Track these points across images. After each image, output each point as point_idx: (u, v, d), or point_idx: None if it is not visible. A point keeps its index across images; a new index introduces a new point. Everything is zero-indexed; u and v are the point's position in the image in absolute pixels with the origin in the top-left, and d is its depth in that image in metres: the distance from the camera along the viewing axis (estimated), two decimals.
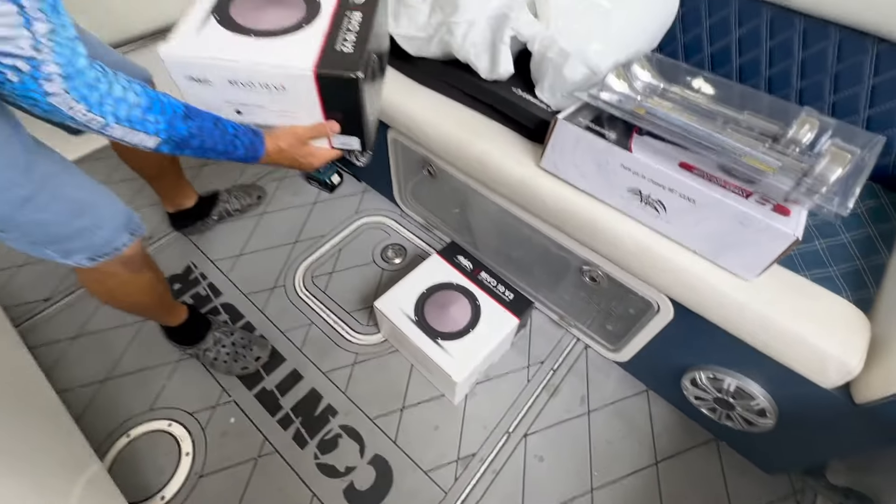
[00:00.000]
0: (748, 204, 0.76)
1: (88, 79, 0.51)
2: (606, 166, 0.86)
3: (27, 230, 0.71)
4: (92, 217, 0.76)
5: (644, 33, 0.99)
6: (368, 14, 0.76)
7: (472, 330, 1.06)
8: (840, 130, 0.80)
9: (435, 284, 1.15)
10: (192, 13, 0.73)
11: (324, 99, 0.73)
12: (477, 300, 1.13)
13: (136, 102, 0.56)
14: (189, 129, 0.62)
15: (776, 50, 1.00)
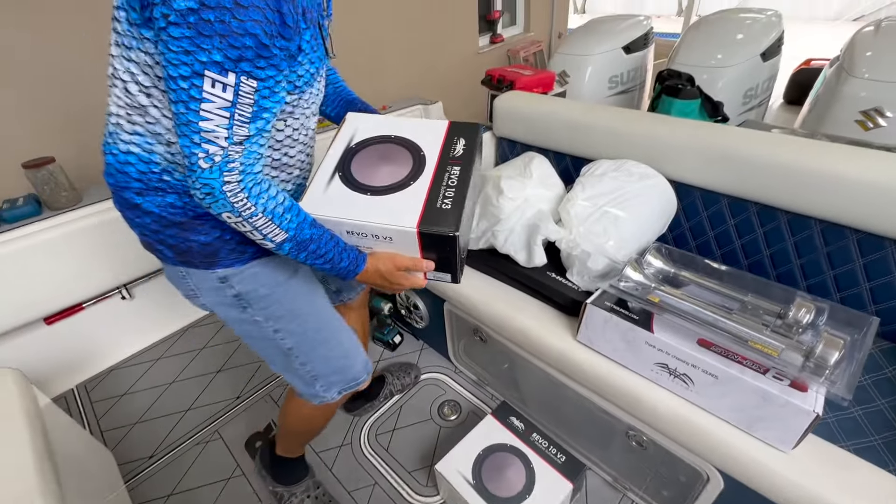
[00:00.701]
0: (766, 381, 0.86)
1: (258, 177, 0.66)
2: (634, 343, 1.02)
3: (316, 365, 0.95)
4: (354, 355, 1.01)
5: (651, 228, 1.23)
6: (466, 167, 0.86)
7: (528, 496, 1.12)
8: (834, 312, 0.93)
9: (490, 445, 1.24)
10: (322, 170, 0.87)
11: (423, 246, 0.82)
12: (531, 463, 1.19)
13: (281, 201, 0.69)
14: (312, 235, 0.74)
15: (770, 234, 1.19)
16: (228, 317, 0.87)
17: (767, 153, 1.13)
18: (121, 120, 0.69)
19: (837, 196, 1.05)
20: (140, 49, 0.62)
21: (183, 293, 0.87)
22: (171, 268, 0.82)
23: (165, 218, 0.74)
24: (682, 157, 1.25)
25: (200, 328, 1.95)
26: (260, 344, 0.92)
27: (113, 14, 0.63)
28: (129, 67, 0.64)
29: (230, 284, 0.81)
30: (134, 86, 0.65)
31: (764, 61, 2.34)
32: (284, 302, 0.87)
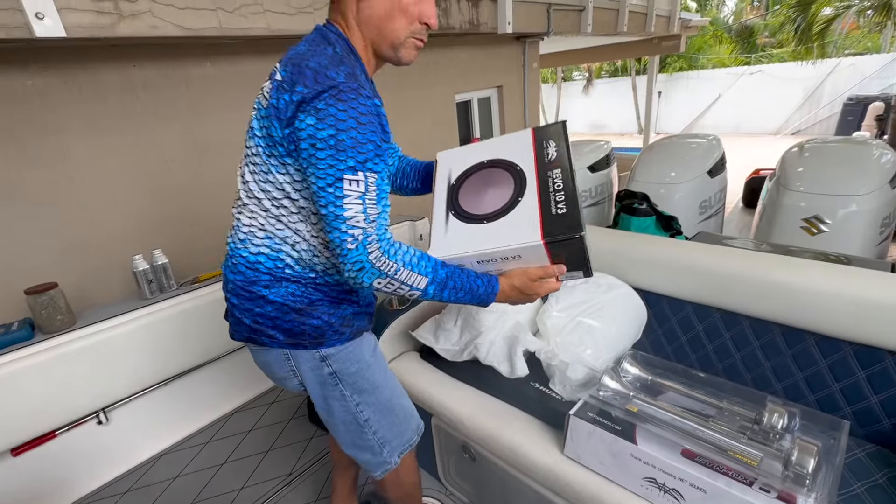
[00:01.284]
0: (753, 493, 0.85)
1: (390, 241, 0.82)
2: (619, 456, 1.01)
3: (385, 432, 1.05)
4: (410, 414, 1.11)
5: (625, 336, 1.29)
6: (565, 165, 0.88)
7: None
8: (805, 415, 0.96)
9: None
10: (436, 215, 0.93)
11: (552, 254, 0.84)
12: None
13: (413, 253, 0.84)
14: (446, 272, 0.86)
15: (737, 338, 1.26)
16: (320, 393, 0.99)
17: (718, 264, 1.25)
18: (253, 229, 0.89)
19: (787, 302, 1.14)
20: (279, 172, 0.83)
21: (279, 374, 0.99)
22: (275, 351, 0.95)
23: (287, 306, 0.90)
24: (644, 269, 1.37)
25: (179, 452, 1.86)
26: (340, 417, 1.02)
27: (249, 151, 0.86)
28: (266, 188, 0.85)
29: (328, 363, 0.95)
30: (268, 202, 0.86)
31: (711, 178, 2.65)
32: (368, 376, 1.00)
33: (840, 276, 1.10)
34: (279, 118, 0.78)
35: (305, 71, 0.77)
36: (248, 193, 0.88)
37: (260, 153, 0.84)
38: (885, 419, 1.09)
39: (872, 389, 1.08)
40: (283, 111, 0.78)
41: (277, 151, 0.81)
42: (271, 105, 0.80)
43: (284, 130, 0.78)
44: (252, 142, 0.85)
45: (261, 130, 0.83)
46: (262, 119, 0.82)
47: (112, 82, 1.93)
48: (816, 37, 6.45)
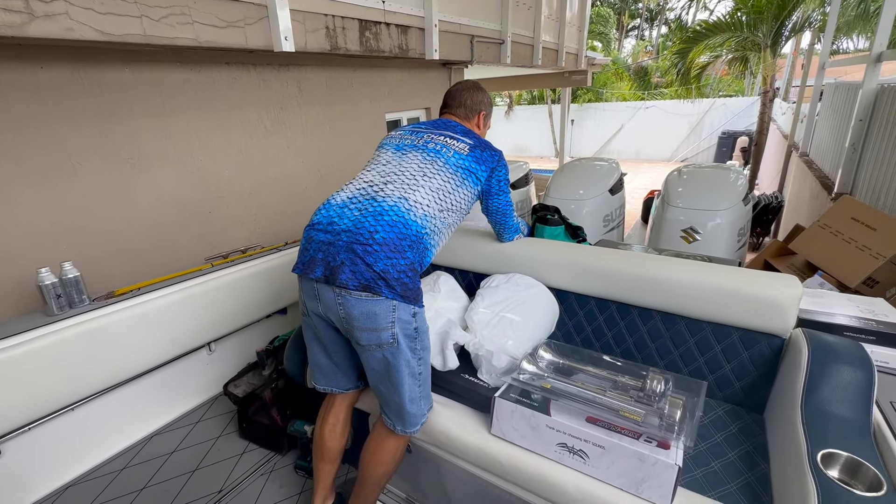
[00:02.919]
0: (640, 444, 1.05)
1: None
2: (537, 428, 1.17)
3: (425, 385, 1.27)
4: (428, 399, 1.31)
5: (541, 328, 1.48)
6: None
7: None
8: (677, 381, 1.20)
9: None
10: None
11: None
12: None
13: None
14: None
15: (629, 326, 1.50)
16: (403, 345, 1.17)
17: (614, 265, 1.49)
18: (419, 205, 1.21)
19: (665, 292, 1.40)
20: (461, 186, 1.32)
21: (381, 324, 1.13)
22: (387, 301, 1.12)
23: (413, 265, 1.17)
24: (555, 270, 1.58)
25: (86, 483, 1.70)
26: (409, 369, 1.20)
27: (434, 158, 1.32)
28: (446, 186, 1.28)
29: (416, 319, 1.18)
30: (443, 195, 1.27)
31: (612, 195, 3.05)
32: (426, 338, 1.24)
33: (700, 270, 1.38)
34: (482, 162, 1.36)
35: (484, 143, 1.40)
36: (431, 188, 1.24)
37: (458, 176, 1.31)
38: (737, 383, 1.37)
39: (726, 359, 1.37)
40: (488, 162, 1.37)
41: (467, 174, 1.32)
42: (472, 157, 1.34)
43: (486, 171, 1.37)
44: (447, 166, 1.30)
45: (460, 165, 1.32)
46: (464, 158, 1.33)
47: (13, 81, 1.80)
48: (694, 79, 7.59)
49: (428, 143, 1.33)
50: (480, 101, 1.50)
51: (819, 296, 1.52)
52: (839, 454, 0.95)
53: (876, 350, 1.24)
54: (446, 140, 1.34)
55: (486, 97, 1.52)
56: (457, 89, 1.52)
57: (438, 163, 1.29)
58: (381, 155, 1.38)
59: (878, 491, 0.87)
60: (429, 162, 1.29)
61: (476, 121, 1.50)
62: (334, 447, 1.40)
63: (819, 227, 2.22)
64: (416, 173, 1.26)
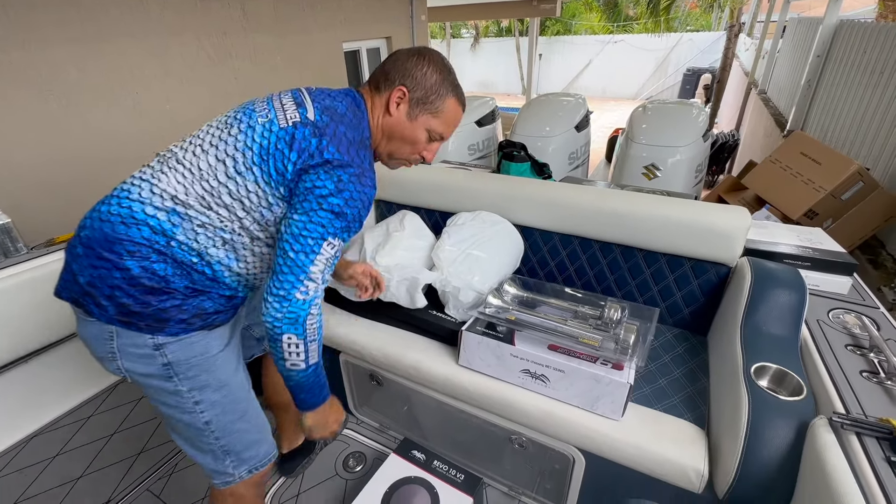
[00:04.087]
0: (596, 367, 1.13)
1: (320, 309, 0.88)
2: (502, 357, 1.23)
3: (230, 439, 0.96)
4: (263, 430, 1.03)
5: (507, 264, 1.51)
6: None
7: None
8: (633, 309, 1.27)
9: (395, 482, 1.31)
10: None
11: None
12: (434, 488, 1.29)
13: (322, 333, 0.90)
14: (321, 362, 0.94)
15: (590, 259, 1.56)
16: (149, 385, 0.89)
17: (576, 199, 1.51)
18: (166, 194, 0.82)
19: (625, 226, 1.45)
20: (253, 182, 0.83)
21: (98, 353, 0.87)
22: (100, 326, 0.83)
23: (137, 279, 0.81)
24: (520, 206, 1.59)
25: (52, 433, 1.67)
26: (174, 415, 0.92)
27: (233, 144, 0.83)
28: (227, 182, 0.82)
29: (163, 353, 0.85)
30: (221, 187, 0.82)
31: (578, 132, 3.04)
32: (213, 371, 0.91)
33: (659, 204, 1.42)
34: (296, 149, 0.82)
35: (342, 136, 0.84)
36: (198, 173, 0.83)
37: (247, 156, 0.82)
38: (686, 309, 1.47)
39: (678, 287, 1.46)
40: (305, 150, 0.81)
41: (262, 158, 0.82)
42: (291, 130, 0.82)
43: (296, 163, 0.81)
44: (241, 135, 0.84)
45: (260, 138, 0.83)
46: (270, 134, 0.83)
47: None
48: (664, 12, 7.38)
49: (250, 107, 0.88)
50: (408, 70, 0.90)
51: (765, 227, 1.61)
52: (769, 366, 1.05)
53: (810, 275, 1.34)
54: (283, 106, 0.86)
55: (422, 68, 0.90)
56: (392, 55, 0.96)
57: (233, 130, 0.84)
58: None
59: (799, 395, 0.98)
60: (223, 128, 0.86)
61: (386, 97, 0.91)
62: (277, 399, 1.39)
63: (770, 162, 2.32)
64: (189, 149, 0.85)
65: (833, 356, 1.07)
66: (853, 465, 0.78)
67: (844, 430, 0.84)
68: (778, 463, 0.91)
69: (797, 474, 0.89)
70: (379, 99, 0.93)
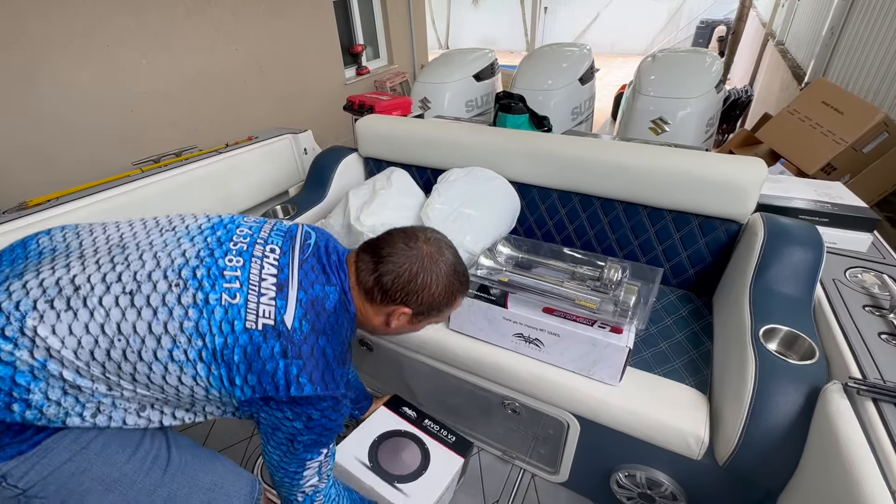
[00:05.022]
0: (593, 330, 1.06)
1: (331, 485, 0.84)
2: (494, 321, 1.16)
3: None
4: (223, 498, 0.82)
5: (501, 224, 1.42)
6: None
7: (425, 472, 1.16)
8: (634, 269, 1.19)
9: (385, 432, 1.25)
10: None
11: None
12: (425, 444, 1.24)
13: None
14: None
15: (591, 218, 1.46)
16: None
17: (577, 153, 1.39)
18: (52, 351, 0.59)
19: (628, 181, 1.34)
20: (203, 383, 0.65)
21: None
22: None
23: None
24: (516, 161, 1.48)
25: None
26: None
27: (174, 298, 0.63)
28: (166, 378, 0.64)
29: (7, 481, 0.62)
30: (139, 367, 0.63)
31: (582, 85, 2.85)
32: (88, 470, 0.67)
33: (666, 156, 1.31)
34: (256, 370, 0.64)
35: (319, 359, 0.68)
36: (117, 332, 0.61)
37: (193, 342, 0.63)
38: (691, 269, 1.39)
39: (683, 247, 1.37)
40: (268, 375, 0.64)
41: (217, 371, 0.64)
42: (258, 340, 0.64)
43: (254, 389, 0.65)
44: (192, 308, 0.62)
45: (217, 330, 0.63)
46: (230, 334, 0.63)
47: None
48: None
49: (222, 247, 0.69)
50: (411, 291, 0.76)
51: (779, 181, 1.50)
52: (780, 328, 0.98)
53: (828, 231, 1.25)
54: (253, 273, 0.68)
55: (428, 287, 0.77)
56: (387, 252, 0.77)
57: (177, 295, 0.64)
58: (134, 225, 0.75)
59: (811, 359, 0.91)
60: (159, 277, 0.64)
61: (384, 312, 0.79)
62: None
63: (788, 113, 2.16)
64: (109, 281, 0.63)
65: (849, 317, 0.99)
66: (868, 433, 0.71)
67: (860, 395, 0.77)
68: (784, 430, 0.85)
69: (804, 443, 0.83)
70: (373, 307, 0.79)
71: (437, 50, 14.58)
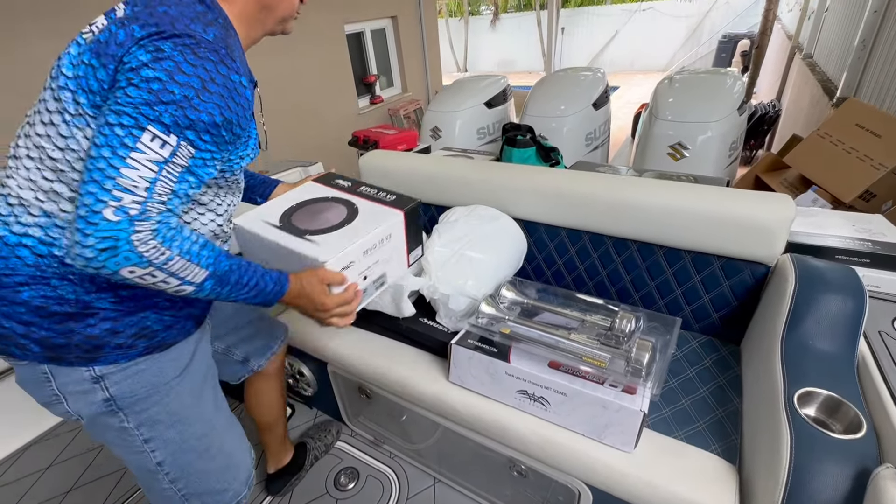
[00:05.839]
0: (603, 390, 0.96)
1: (171, 224, 0.62)
2: (496, 375, 1.08)
3: (189, 482, 0.86)
4: (233, 467, 0.91)
5: (506, 265, 1.34)
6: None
7: (347, 225, 0.90)
8: (649, 317, 1.09)
9: (305, 200, 0.99)
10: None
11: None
12: (354, 205, 0.97)
13: (195, 240, 0.65)
14: (230, 265, 0.70)
15: (603, 257, 1.37)
16: (94, 424, 0.78)
17: (585, 190, 1.32)
18: (26, 201, 0.66)
19: (642, 220, 1.25)
20: (88, 126, 0.63)
21: (41, 400, 0.76)
22: (32, 368, 0.72)
23: (46, 308, 0.68)
24: (522, 198, 1.41)
25: (47, 442, 1.65)
26: (125, 457, 0.83)
27: (51, 95, 0.65)
28: (69, 144, 0.64)
29: (103, 385, 0.73)
30: (65, 163, 0.65)
31: (596, 110, 2.78)
32: (167, 403, 0.79)
33: (681, 194, 1.22)
34: (105, 54, 0.62)
35: (162, 16, 0.63)
36: (36, 153, 0.66)
37: (69, 100, 0.64)
38: (714, 314, 1.27)
39: (705, 290, 1.25)
40: (114, 46, 0.62)
41: (90, 100, 0.63)
42: (97, 41, 0.63)
43: (108, 68, 0.61)
44: (57, 88, 0.65)
45: (73, 70, 0.64)
46: (77, 57, 0.64)
47: None
48: None
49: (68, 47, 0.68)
50: None
51: (811, 215, 1.38)
52: (818, 392, 0.86)
53: (869, 274, 1.12)
54: (91, 23, 0.69)
55: None
56: None
57: (51, 84, 0.67)
58: None
59: (857, 432, 0.79)
60: (44, 90, 0.68)
61: None
62: (261, 420, 1.28)
63: (818, 137, 2.02)
64: (25, 126, 0.70)
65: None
66: None
67: None
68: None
69: None
70: None
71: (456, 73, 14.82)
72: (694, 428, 1.03)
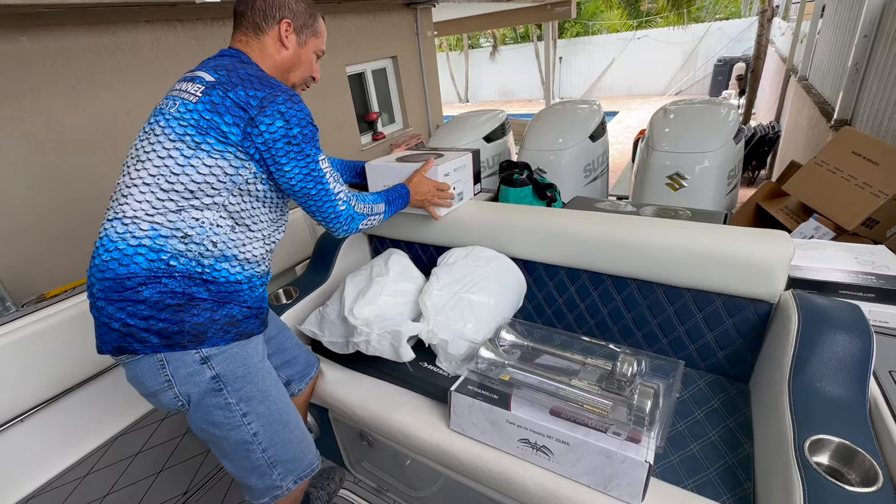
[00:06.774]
0: (606, 439, 0.94)
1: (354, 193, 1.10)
2: (497, 423, 1.06)
3: (277, 450, 1.00)
4: (308, 440, 1.09)
5: (506, 306, 1.33)
6: None
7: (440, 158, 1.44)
8: (651, 360, 1.07)
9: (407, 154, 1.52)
10: None
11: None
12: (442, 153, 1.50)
13: (365, 195, 1.14)
14: (385, 194, 1.20)
15: (603, 296, 1.36)
16: (201, 403, 0.91)
17: (582, 229, 1.32)
18: (138, 220, 0.85)
19: (639, 259, 1.25)
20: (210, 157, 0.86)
21: (152, 388, 0.89)
22: (148, 359, 0.87)
23: (162, 302, 0.85)
24: (520, 238, 1.42)
25: (49, 493, 1.64)
26: (225, 432, 0.95)
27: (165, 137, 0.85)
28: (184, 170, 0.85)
29: (210, 365, 0.90)
30: (175, 192, 0.85)
31: (593, 142, 2.82)
32: (257, 382, 0.97)
33: (678, 232, 1.21)
34: (226, 110, 0.86)
35: (249, 77, 0.89)
36: (151, 179, 0.85)
37: (186, 141, 0.85)
38: (720, 352, 1.25)
39: (708, 328, 1.23)
40: (233, 107, 0.86)
41: (200, 133, 0.85)
42: (207, 101, 0.86)
43: (238, 121, 0.86)
44: (168, 129, 0.86)
45: (189, 120, 0.85)
46: (192, 112, 0.86)
47: None
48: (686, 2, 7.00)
49: (162, 105, 0.91)
50: (281, 3, 0.97)
51: (812, 247, 1.36)
52: (830, 440, 0.83)
53: (875, 309, 1.10)
54: (182, 89, 0.90)
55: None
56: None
57: (157, 131, 0.87)
58: None
59: (873, 484, 0.76)
60: (146, 137, 0.89)
61: (274, 34, 0.98)
62: None
63: (816, 165, 2.03)
64: (132, 166, 0.88)
65: None
66: None
67: None
68: None
69: None
70: (265, 40, 0.98)
71: (458, 104, 15.16)
72: (704, 476, 1.00)
